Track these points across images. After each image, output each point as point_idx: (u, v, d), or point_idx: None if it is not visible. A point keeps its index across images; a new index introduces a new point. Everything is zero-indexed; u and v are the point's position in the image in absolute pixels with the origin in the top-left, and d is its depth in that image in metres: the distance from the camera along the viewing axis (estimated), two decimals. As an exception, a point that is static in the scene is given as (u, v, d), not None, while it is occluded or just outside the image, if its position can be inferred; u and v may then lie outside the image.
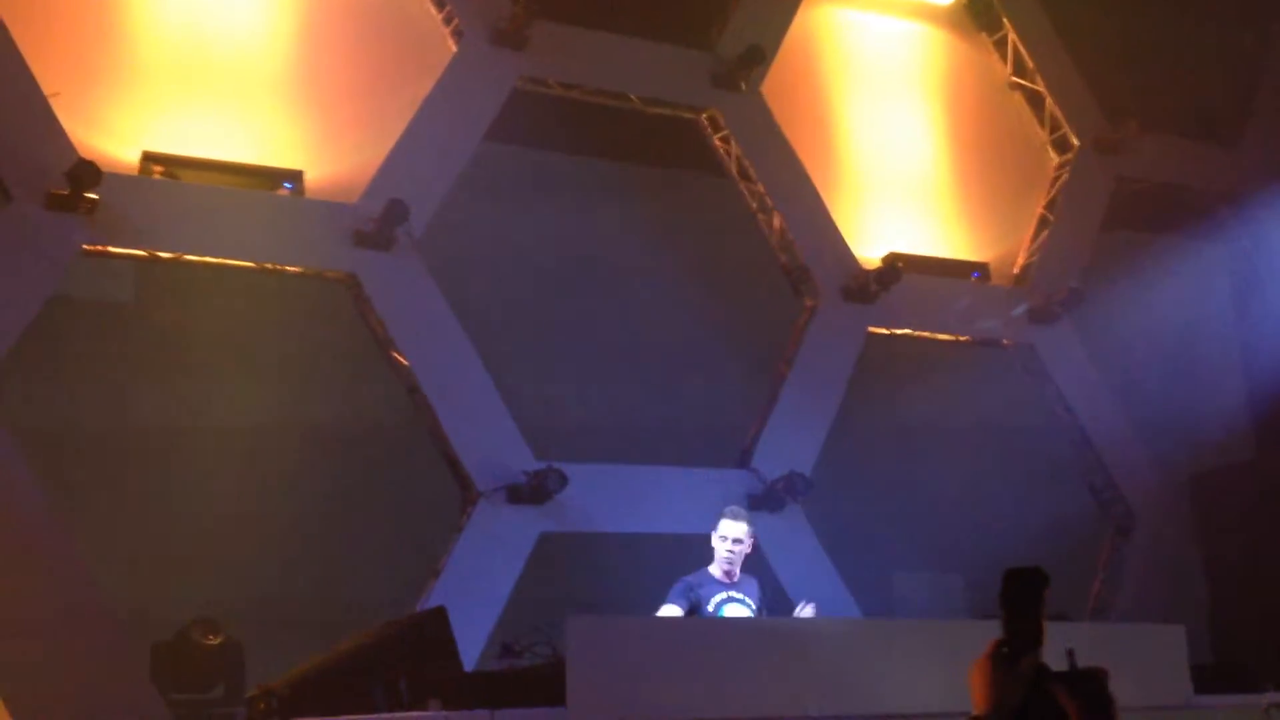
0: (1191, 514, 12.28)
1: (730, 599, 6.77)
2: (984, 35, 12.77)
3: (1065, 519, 11.12)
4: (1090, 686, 2.18)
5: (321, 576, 9.97)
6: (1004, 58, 12.70)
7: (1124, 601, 11.59)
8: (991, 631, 2.29)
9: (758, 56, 11.00)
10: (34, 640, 7.43)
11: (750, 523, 6.92)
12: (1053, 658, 2.27)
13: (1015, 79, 12.69)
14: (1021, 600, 2.26)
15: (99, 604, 7.68)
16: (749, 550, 6.90)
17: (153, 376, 10.12)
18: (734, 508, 7.06)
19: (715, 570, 6.82)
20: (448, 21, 10.28)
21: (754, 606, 6.84)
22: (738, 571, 6.84)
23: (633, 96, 10.91)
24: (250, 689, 6.14)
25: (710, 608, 6.69)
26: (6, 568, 7.54)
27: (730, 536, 6.80)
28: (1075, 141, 12.52)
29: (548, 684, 5.03)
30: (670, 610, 6.54)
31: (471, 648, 8.05)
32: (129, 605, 8.08)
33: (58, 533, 7.73)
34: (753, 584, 6.94)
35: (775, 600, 7.21)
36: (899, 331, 11.46)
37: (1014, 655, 2.22)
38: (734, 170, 11.18)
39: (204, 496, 10.10)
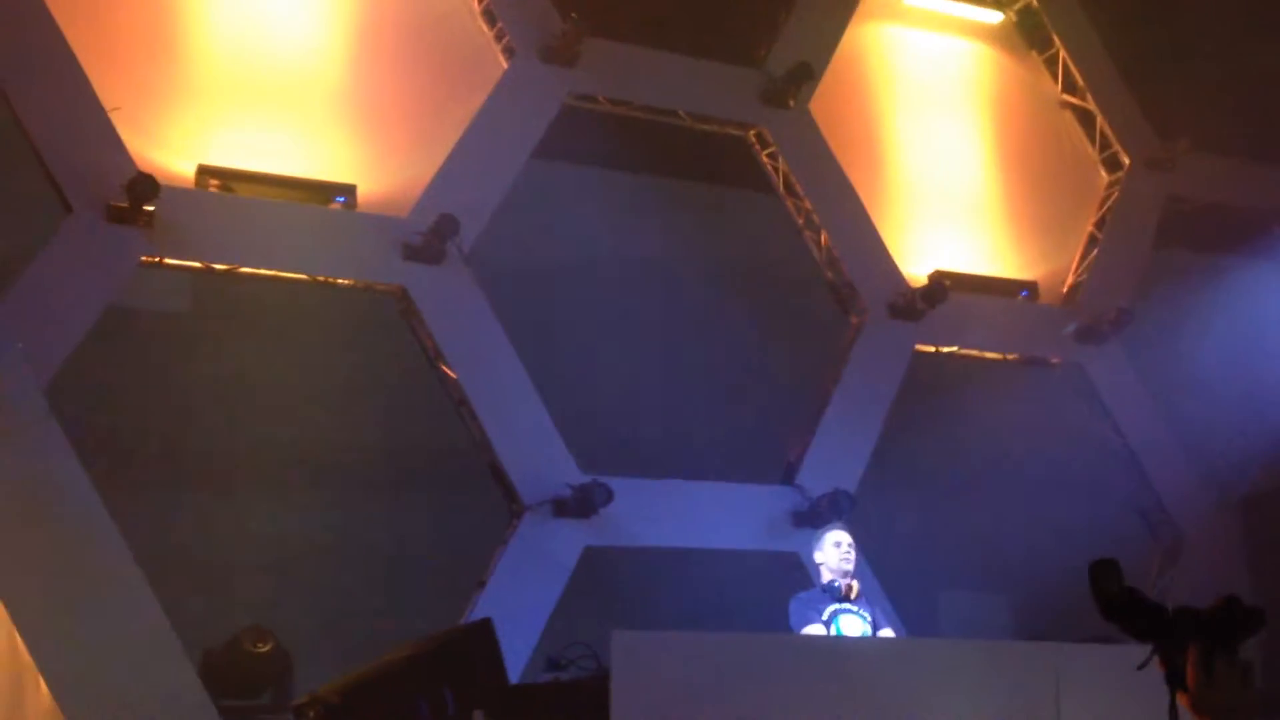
0: (1242, 537, 12.12)
1: (844, 610, 6.79)
2: (1034, 53, 12.71)
3: (1113, 541, 10.99)
4: None
5: (369, 587, 10.08)
6: (1054, 76, 12.63)
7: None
8: (1038, 652, 2.30)
9: (806, 73, 11.01)
10: (86, 643, 7.55)
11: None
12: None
13: (1065, 97, 12.62)
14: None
15: (154, 609, 7.79)
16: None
17: (207, 386, 10.28)
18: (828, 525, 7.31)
19: (824, 585, 6.94)
20: (499, 39, 10.38)
21: (869, 619, 6.84)
22: (855, 585, 6.89)
23: (681, 113, 10.96)
24: (298, 697, 6.22)
25: (824, 616, 6.73)
26: (62, 573, 7.67)
27: (843, 543, 6.96)
28: (1126, 160, 12.42)
29: (592, 698, 5.07)
30: (816, 629, 6.63)
31: (516, 660, 8.09)
32: (181, 612, 8.19)
33: (114, 538, 7.85)
34: (863, 601, 6.95)
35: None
36: (946, 349, 11.42)
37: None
38: (781, 187, 11.19)
39: (253, 504, 10.24)
